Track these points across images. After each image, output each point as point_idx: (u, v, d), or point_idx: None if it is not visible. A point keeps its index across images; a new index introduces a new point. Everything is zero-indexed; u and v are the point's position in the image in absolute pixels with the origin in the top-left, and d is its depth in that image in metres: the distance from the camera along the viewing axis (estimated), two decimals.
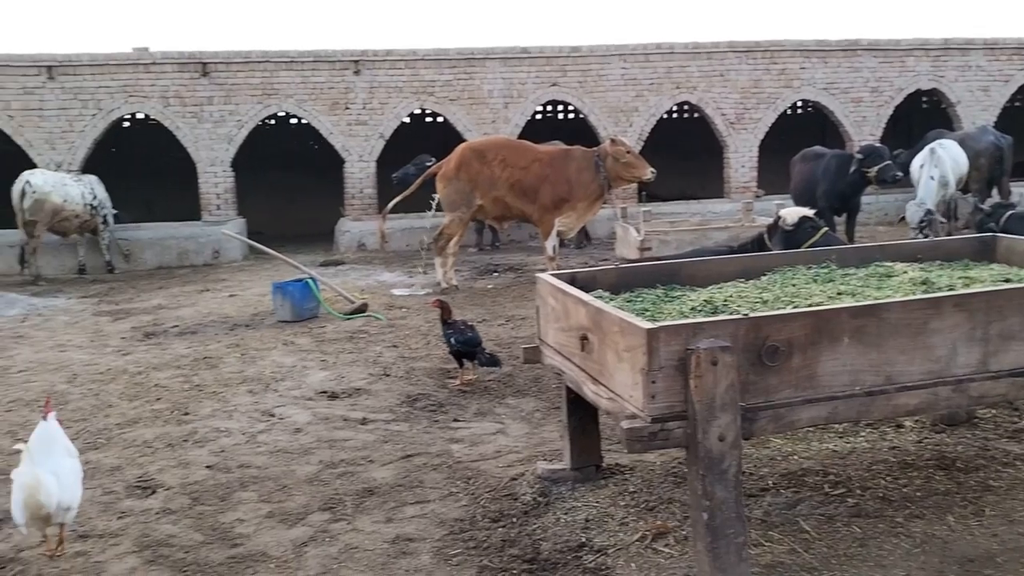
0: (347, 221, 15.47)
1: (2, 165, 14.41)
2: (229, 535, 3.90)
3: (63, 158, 14.37)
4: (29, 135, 14.37)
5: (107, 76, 14.49)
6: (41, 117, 14.34)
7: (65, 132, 14.44)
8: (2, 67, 14.22)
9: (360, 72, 15.32)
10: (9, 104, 14.26)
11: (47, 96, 14.35)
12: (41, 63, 14.31)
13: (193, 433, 5.35)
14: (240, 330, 8.55)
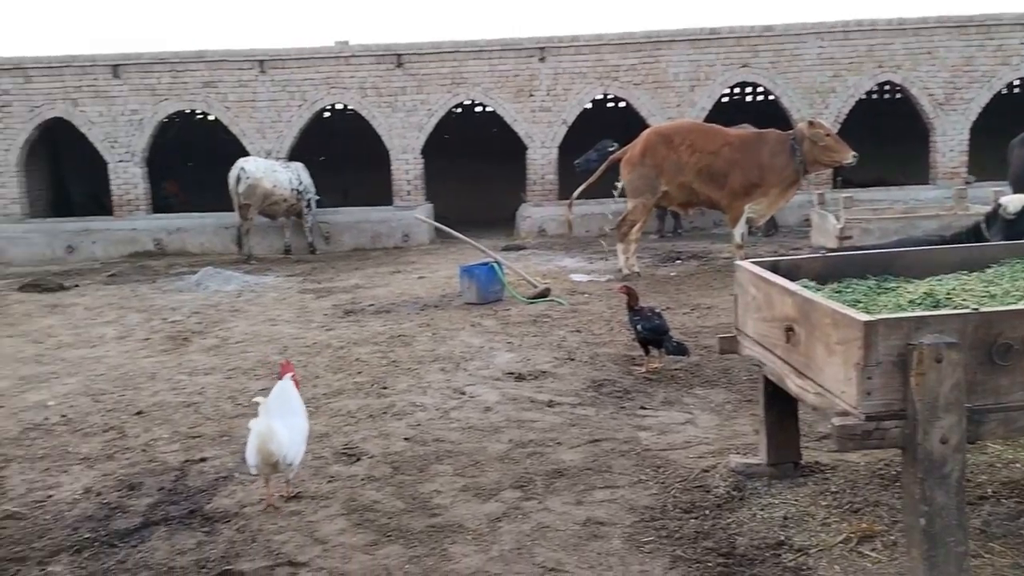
0: (528, 207, 15.70)
1: (221, 153, 15.71)
2: (428, 505, 4.07)
3: (272, 146, 15.46)
4: (243, 125, 15.57)
5: (311, 69, 15.43)
6: (254, 108, 15.49)
7: (274, 122, 15.52)
8: (220, 62, 15.46)
9: (545, 59, 15.46)
10: (226, 96, 15.50)
11: (259, 88, 15.47)
12: (254, 58, 15.44)
13: (391, 406, 5.63)
14: (430, 310, 8.90)
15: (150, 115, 15.57)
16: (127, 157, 15.63)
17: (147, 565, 3.59)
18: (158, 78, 15.48)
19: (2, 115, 15.52)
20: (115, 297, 10.68)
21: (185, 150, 18.16)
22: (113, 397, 6.18)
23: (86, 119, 15.56)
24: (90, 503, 4.28)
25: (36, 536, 3.93)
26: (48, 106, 15.53)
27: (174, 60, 15.48)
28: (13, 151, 15.58)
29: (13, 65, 15.45)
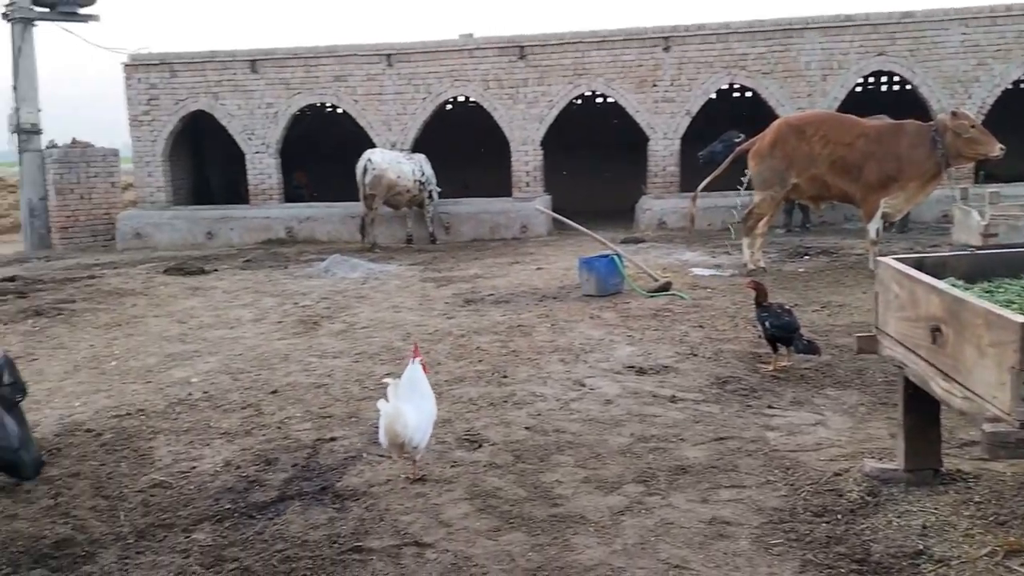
0: (648, 199, 15.51)
1: (348, 145, 16.22)
2: (550, 494, 4.09)
3: (397, 138, 15.84)
4: (370, 117, 16.01)
5: (436, 62, 15.71)
6: (380, 101, 15.91)
7: (399, 114, 15.90)
8: (350, 56, 15.94)
9: (670, 48, 15.22)
10: (355, 90, 15.97)
11: (386, 82, 15.87)
12: (382, 52, 15.84)
13: (512, 395, 5.68)
14: (549, 301, 8.93)
15: (284, 108, 16.22)
16: (262, 148, 16.34)
17: (283, 537, 3.76)
18: (292, 72, 16.11)
19: (150, 108, 16.51)
20: (250, 281, 11.21)
21: (314, 142, 18.81)
22: (250, 376, 6.49)
23: (226, 112, 16.36)
24: (230, 475, 4.51)
25: (181, 504, 4.17)
26: (192, 99, 16.42)
27: (307, 55, 16.07)
28: (159, 142, 16.56)
29: (161, 60, 16.41)
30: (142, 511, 4.11)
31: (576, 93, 15.82)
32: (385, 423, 4.19)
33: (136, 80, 16.50)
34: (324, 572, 3.44)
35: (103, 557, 3.65)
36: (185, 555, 3.64)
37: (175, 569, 3.52)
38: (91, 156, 16.98)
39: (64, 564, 3.59)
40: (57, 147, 16.78)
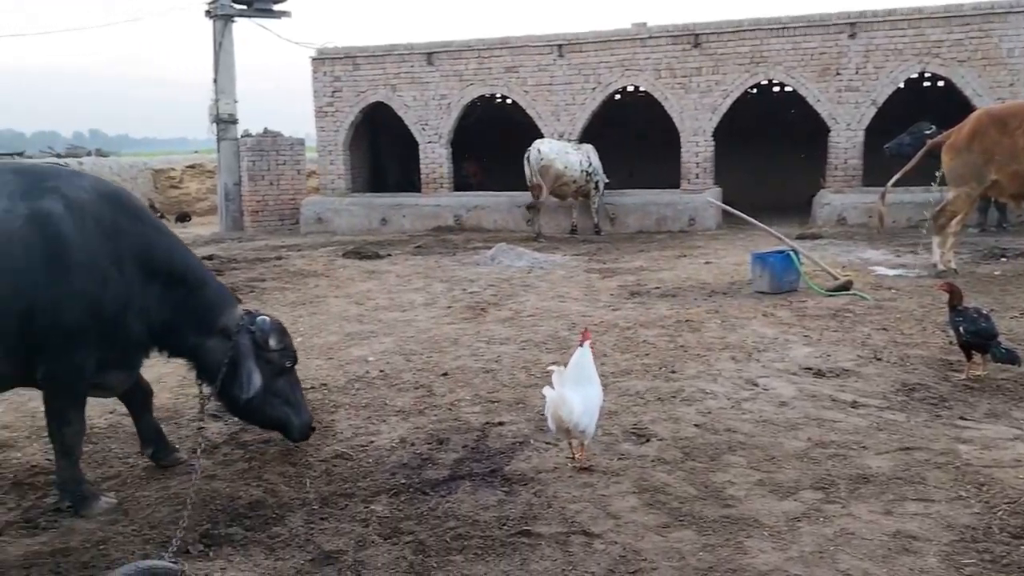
0: (827, 193, 14.82)
1: (516, 135, 16.46)
2: (721, 495, 3.99)
3: (565, 128, 15.91)
4: (539, 108, 16.16)
5: (607, 52, 15.63)
6: (550, 91, 16.02)
7: (568, 105, 15.95)
8: (522, 47, 16.14)
9: (855, 35, 14.44)
10: (525, 80, 16.16)
11: (556, 72, 15.96)
12: (553, 42, 15.94)
13: (680, 391, 5.58)
14: (718, 297, 8.70)
15: (457, 99, 16.66)
16: (435, 138, 16.86)
17: (455, 515, 3.87)
18: (466, 64, 16.50)
19: (334, 99, 17.40)
20: (421, 267, 11.61)
21: (483, 132, 19.22)
22: (422, 358, 6.72)
23: (402, 103, 16.99)
24: (405, 452, 4.69)
25: (360, 476, 4.38)
26: (371, 91, 17.16)
27: (480, 47, 16.41)
28: (341, 132, 17.42)
29: (345, 54, 17.24)
30: (325, 480, 4.35)
31: (752, 82, 15.30)
32: (551, 409, 4.26)
33: (322, 73, 17.42)
34: (494, 552, 3.51)
35: (291, 520, 3.89)
36: (364, 524, 3.82)
37: (355, 537, 3.70)
38: (280, 145, 18.13)
39: (256, 524, 3.86)
40: (251, 136, 18.02)
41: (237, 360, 4.23)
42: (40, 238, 3.76)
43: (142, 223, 4.18)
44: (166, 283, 4.16)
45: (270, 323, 4.40)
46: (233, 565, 3.45)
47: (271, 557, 3.54)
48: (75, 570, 3.48)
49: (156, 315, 4.14)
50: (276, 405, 4.46)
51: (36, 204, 3.81)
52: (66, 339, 3.84)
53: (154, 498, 4.20)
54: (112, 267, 3.93)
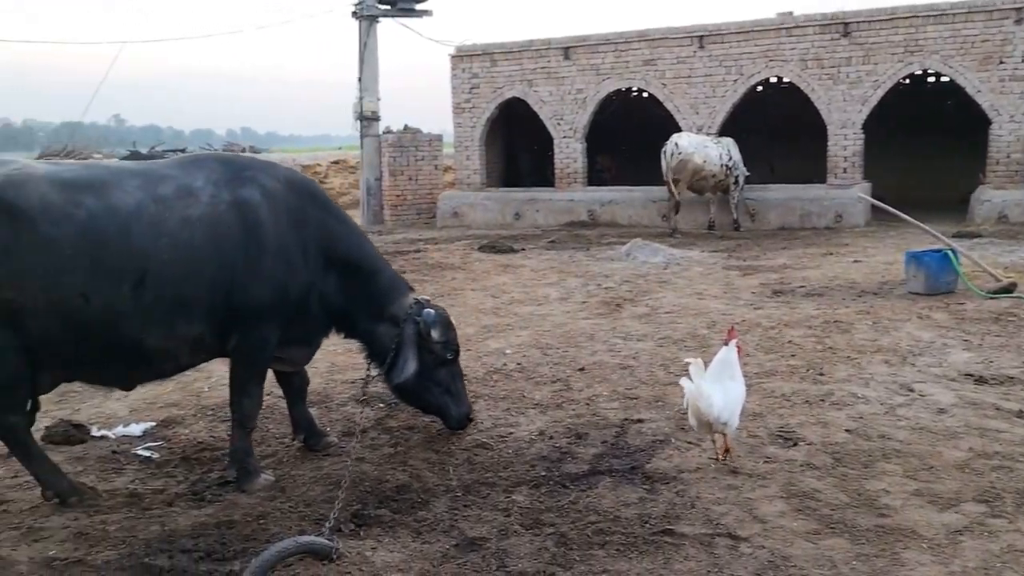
0: (987, 189, 13.90)
1: (651, 129, 16.26)
2: (875, 504, 3.82)
3: (704, 122, 15.58)
4: (677, 101, 15.89)
5: (750, 43, 15.20)
6: (689, 84, 15.72)
7: (708, 98, 15.61)
8: (661, 40, 15.92)
9: (1022, 21, 13.42)
10: (663, 73, 15.93)
11: (695, 64, 15.65)
12: (694, 34, 15.63)
13: (829, 394, 5.37)
14: (868, 297, 8.32)
15: (593, 93, 16.60)
16: (570, 133, 16.87)
17: (595, 510, 3.86)
18: (602, 58, 16.42)
19: (471, 96, 17.70)
20: (555, 262, 11.65)
21: (619, 126, 19.09)
22: (558, 352, 6.75)
23: (538, 98, 17.09)
24: (544, 444, 4.73)
25: (501, 466, 4.44)
26: (508, 87, 17.35)
27: (618, 40, 16.29)
28: (478, 128, 17.71)
29: (483, 51, 17.50)
30: (467, 468, 4.44)
31: (906, 72, 14.50)
32: (689, 401, 4.23)
33: (460, 70, 17.75)
34: (636, 550, 3.49)
35: (435, 505, 3.99)
36: (506, 514, 3.87)
37: (498, 525, 3.76)
38: (419, 141, 18.61)
39: (403, 507, 3.98)
40: (391, 133, 18.58)
41: (399, 347, 4.45)
42: (240, 223, 4.12)
43: (327, 213, 4.49)
44: (344, 270, 4.48)
45: (434, 315, 4.55)
46: (383, 545, 3.58)
47: (417, 540, 3.64)
48: (238, 542, 3.69)
49: (334, 299, 4.47)
50: (436, 393, 4.66)
51: (238, 192, 4.18)
52: (256, 315, 4.18)
53: (308, 477, 4.40)
54: (299, 253, 4.28)
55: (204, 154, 4.63)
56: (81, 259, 3.79)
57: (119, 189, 3.97)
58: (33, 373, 3.92)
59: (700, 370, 4.24)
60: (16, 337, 3.78)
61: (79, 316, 3.82)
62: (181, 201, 4.05)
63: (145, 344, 4.00)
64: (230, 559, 3.54)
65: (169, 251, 3.95)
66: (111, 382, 4.37)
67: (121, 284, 3.87)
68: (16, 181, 3.79)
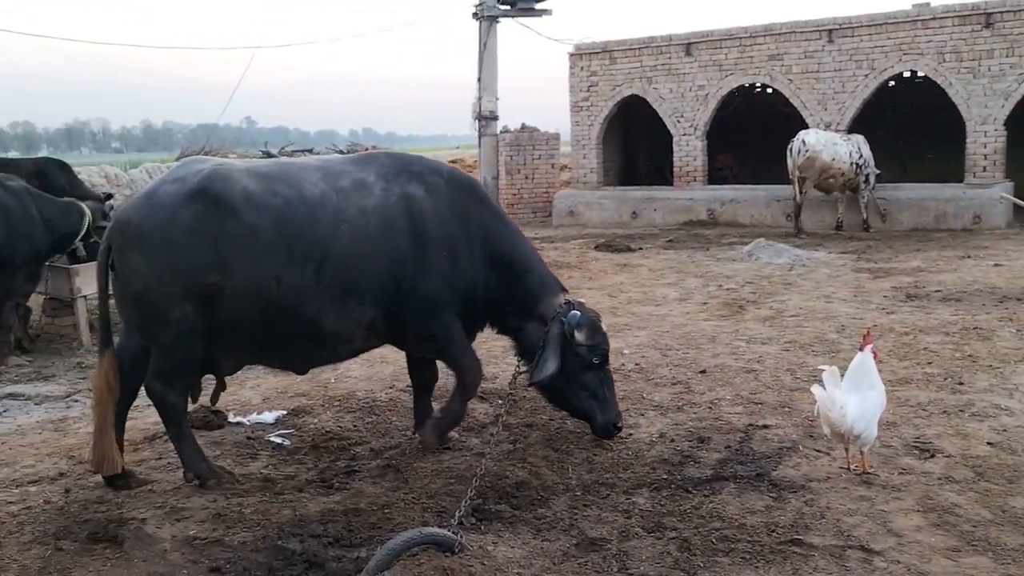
0: None
1: (775, 126, 15.78)
2: (1021, 522, 3.58)
3: (832, 118, 15.01)
4: (804, 97, 15.37)
5: (883, 35, 14.55)
6: (817, 79, 15.18)
7: (837, 93, 15.03)
8: (788, 34, 15.43)
9: None
10: (790, 68, 15.44)
11: (824, 59, 15.09)
12: (823, 27, 15.08)
13: (969, 405, 5.08)
14: (1011, 303, 7.83)
15: (715, 90, 16.26)
16: (690, 131, 16.58)
17: (719, 516, 3.78)
18: (725, 54, 16.06)
19: (589, 94, 17.64)
20: (674, 261, 11.47)
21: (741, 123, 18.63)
22: (678, 353, 6.64)
23: (657, 95, 16.87)
24: (664, 447, 4.66)
25: (621, 467, 4.41)
26: (627, 85, 17.20)
27: (742, 35, 15.89)
28: (595, 126, 17.63)
29: (602, 49, 17.41)
30: (586, 467, 4.42)
31: None
32: (821, 410, 4.09)
33: (579, 68, 17.72)
34: (763, 559, 3.39)
35: (555, 504, 4.00)
36: (627, 515, 3.84)
37: (618, 527, 3.73)
38: (536, 140, 18.69)
39: (523, 504, 4.00)
40: (509, 132, 18.73)
41: (543, 346, 4.48)
42: (407, 217, 4.38)
43: (487, 210, 4.70)
44: (498, 266, 4.60)
45: (579, 318, 4.53)
46: (503, 541, 3.61)
47: (538, 537, 3.65)
48: (364, 529, 3.80)
49: (490, 294, 4.62)
50: (582, 397, 4.61)
51: (405, 187, 4.45)
52: (427, 305, 4.43)
53: (430, 470, 4.48)
54: (463, 246, 4.49)
55: (374, 152, 4.99)
56: (277, 244, 4.12)
57: (306, 181, 4.30)
58: (218, 358, 4.29)
59: (835, 378, 4.08)
60: (206, 321, 4.11)
61: (270, 298, 4.14)
62: (357, 193, 4.35)
63: (323, 326, 4.28)
64: (357, 546, 3.65)
65: (347, 237, 4.24)
66: (288, 365, 4.69)
67: (306, 267, 4.17)
68: (222, 174, 4.17)
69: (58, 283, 7.84)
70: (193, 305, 4.06)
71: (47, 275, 7.77)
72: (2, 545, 3.67)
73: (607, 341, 4.68)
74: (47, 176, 10.13)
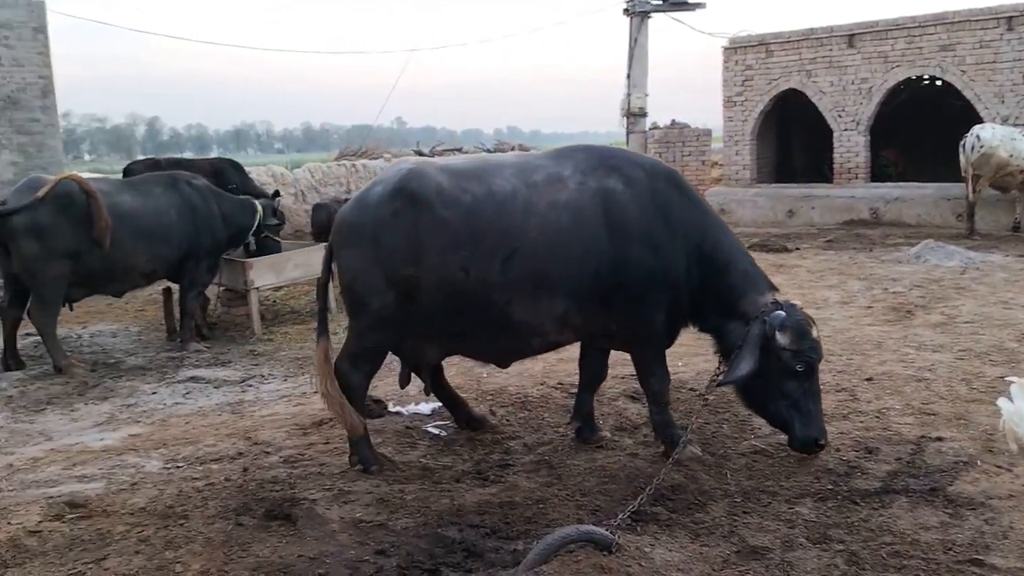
0: None
1: (944, 120, 14.81)
2: None
3: (1011, 112, 13.95)
4: (978, 89, 14.35)
5: None
6: (993, 70, 14.14)
7: (1016, 85, 13.95)
8: (961, 23, 14.44)
9: None
10: (963, 59, 14.45)
11: (1002, 48, 14.04)
12: (1001, 15, 14.05)
13: None
14: None
15: (879, 83, 15.43)
16: (851, 126, 15.81)
17: (890, 531, 3.60)
18: (892, 45, 15.20)
19: (744, 88, 17.14)
20: (834, 263, 10.98)
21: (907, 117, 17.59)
22: (841, 359, 6.36)
23: (817, 89, 16.18)
24: (829, 457, 4.47)
25: (783, 475, 4.27)
26: (784, 78, 16.58)
27: (910, 25, 14.99)
28: (750, 122, 17.11)
29: (759, 42, 16.87)
30: (746, 473, 4.31)
31: None
32: (1007, 426, 3.76)
33: (733, 62, 17.24)
34: None
35: (713, 509, 3.92)
36: (790, 525, 3.71)
37: (781, 536, 3.61)
38: (686, 136, 18.36)
39: (679, 507, 3.95)
40: (658, 128, 18.49)
41: (741, 345, 4.23)
42: (603, 211, 4.36)
43: (690, 202, 4.52)
44: (699, 260, 4.43)
45: (783, 319, 4.20)
46: (660, 543, 3.56)
47: (696, 542, 3.59)
48: (520, 523, 3.85)
49: (692, 289, 4.45)
50: (781, 406, 4.28)
51: (602, 181, 4.41)
52: (628, 301, 4.39)
53: (583, 468, 4.50)
54: (665, 240, 4.37)
55: (574, 145, 4.86)
56: (465, 237, 4.31)
57: (498, 177, 4.44)
58: (421, 346, 4.59)
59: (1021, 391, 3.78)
60: (403, 313, 4.41)
61: (460, 289, 4.33)
62: (550, 187, 4.40)
63: (512, 317, 4.39)
64: (514, 538, 3.71)
65: (536, 230, 4.31)
66: (485, 356, 4.88)
67: (494, 260, 4.31)
68: (418, 173, 4.44)
69: (233, 276, 8.39)
70: (394, 295, 4.37)
71: (223, 268, 8.34)
72: (189, 517, 3.96)
73: (817, 349, 4.27)
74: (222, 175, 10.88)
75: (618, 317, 4.44)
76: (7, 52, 12.65)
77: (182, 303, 7.87)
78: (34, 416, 5.99)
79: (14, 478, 4.65)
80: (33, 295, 6.99)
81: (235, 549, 3.61)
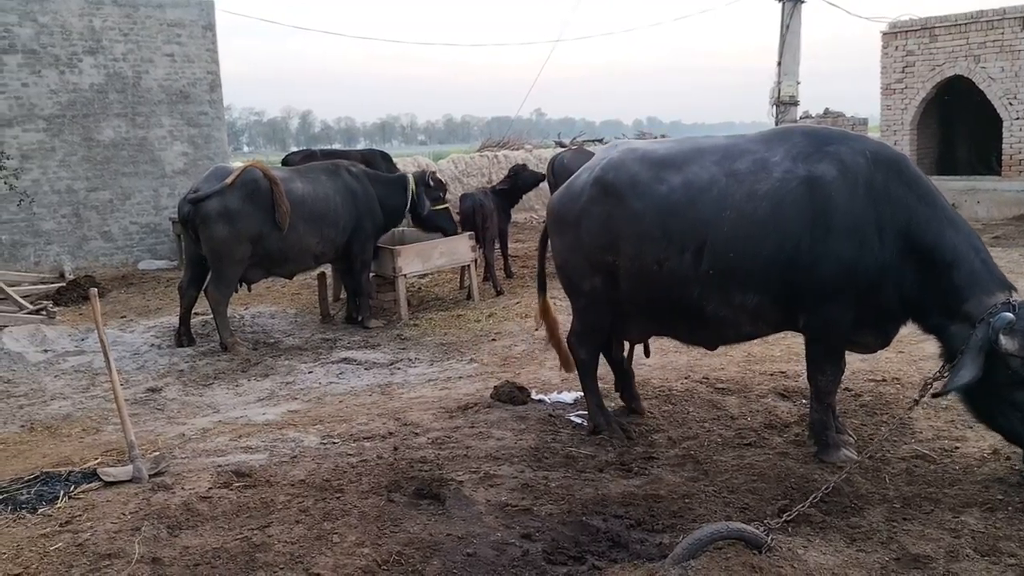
0: None
1: None
2: None
3: None
4: None
5: None
6: None
7: None
8: None
9: None
10: None
11: None
12: None
13: None
14: None
15: None
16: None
17: None
18: None
19: (904, 75, 16.20)
20: (1003, 260, 9.98)
21: None
22: None
23: (986, 75, 15.10)
24: (998, 465, 4.20)
25: (946, 483, 4.03)
26: (949, 64, 15.56)
27: None
28: (910, 110, 16.17)
29: (921, 26, 15.90)
30: (905, 479, 4.10)
31: None
32: None
33: (893, 48, 16.33)
34: None
35: (870, 514, 3.75)
36: (955, 535, 3.51)
37: (945, 545, 3.42)
38: (841, 126, 17.52)
39: (833, 510, 3.79)
40: (810, 117, 17.76)
41: (963, 350, 3.83)
42: (808, 201, 4.11)
43: (911, 192, 4.11)
44: (917, 257, 4.07)
45: (1008, 322, 3.73)
46: (813, 546, 3.44)
47: (852, 547, 3.45)
48: (665, 516, 3.82)
49: (909, 287, 4.10)
50: (1012, 418, 3.84)
51: (813, 167, 4.16)
52: (820, 295, 4.15)
53: (730, 464, 4.40)
54: (874, 233, 4.06)
55: (792, 126, 4.66)
56: (657, 229, 4.36)
57: (697, 165, 4.39)
58: (625, 325, 4.82)
59: None
60: (612, 294, 4.64)
61: (654, 280, 4.43)
62: (752, 176, 4.24)
63: (704, 310, 4.39)
64: (659, 532, 3.68)
65: (729, 224, 4.21)
66: (687, 341, 4.93)
67: (684, 253, 4.31)
68: (615, 163, 4.57)
69: (383, 262, 8.70)
70: (600, 278, 4.61)
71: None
72: (345, 491, 4.15)
73: None
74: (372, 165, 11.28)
75: (805, 313, 4.23)
76: (179, 49, 13.60)
77: (356, 283, 8.29)
78: (203, 390, 6.44)
79: (187, 446, 5.00)
80: (213, 275, 7.50)
81: (387, 524, 3.76)
